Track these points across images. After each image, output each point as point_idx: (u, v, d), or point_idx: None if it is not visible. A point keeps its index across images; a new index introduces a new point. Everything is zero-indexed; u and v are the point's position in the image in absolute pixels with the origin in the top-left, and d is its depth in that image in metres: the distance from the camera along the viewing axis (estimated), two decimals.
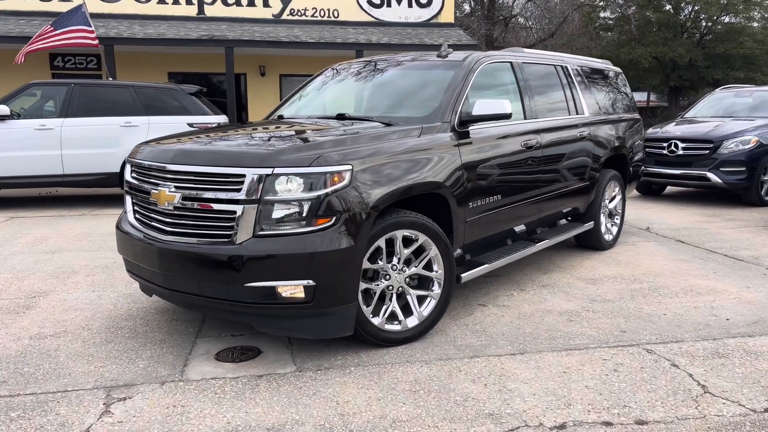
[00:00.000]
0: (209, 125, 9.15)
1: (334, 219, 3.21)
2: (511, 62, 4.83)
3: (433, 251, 3.69)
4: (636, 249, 6.14)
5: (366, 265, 3.41)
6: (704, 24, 33.61)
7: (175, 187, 3.39)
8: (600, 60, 6.56)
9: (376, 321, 3.52)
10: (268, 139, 3.67)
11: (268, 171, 3.17)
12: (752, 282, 4.94)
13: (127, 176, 3.88)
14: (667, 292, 4.67)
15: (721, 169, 8.54)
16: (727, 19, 41.79)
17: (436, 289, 3.74)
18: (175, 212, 3.40)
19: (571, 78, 5.59)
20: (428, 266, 3.71)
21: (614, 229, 6.23)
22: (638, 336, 3.77)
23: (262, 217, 3.18)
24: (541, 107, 5.02)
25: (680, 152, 8.79)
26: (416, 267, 3.66)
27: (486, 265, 4.26)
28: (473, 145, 4.12)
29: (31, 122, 8.70)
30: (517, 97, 4.75)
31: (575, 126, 5.39)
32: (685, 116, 10.39)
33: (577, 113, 5.52)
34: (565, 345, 3.63)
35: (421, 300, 3.72)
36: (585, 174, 5.54)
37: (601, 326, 3.94)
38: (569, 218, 5.73)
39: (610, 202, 6.13)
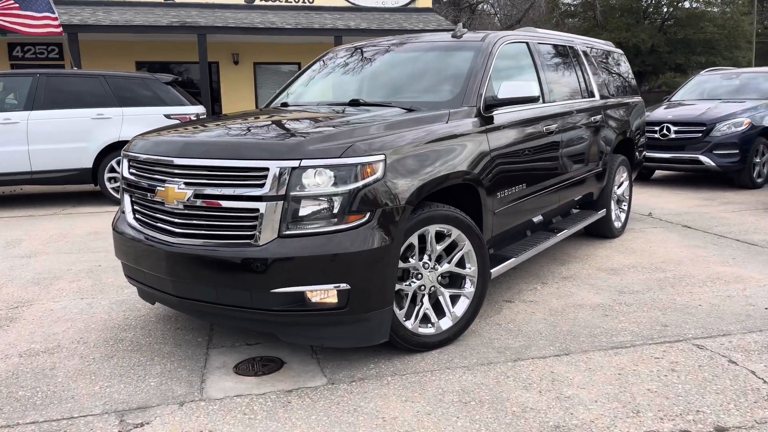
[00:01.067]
0: (188, 117, 8.69)
1: (367, 215, 2.90)
2: (527, 43, 4.56)
3: (467, 246, 3.40)
4: (645, 236, 5.97)
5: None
6: (666, 10, 34.07)
7: (185, 183, 3.03)
8: (602, 41, 6.35)
9: (409, 325, 3.23)
10: (288, 129, 3.32)
11: (295, 163, 2.84)
12: None
13: (125, 172, 3.49)
14: (694, 281, 4.49)
15: (714, 152, 8.46)
16: (687, 5, 42.43)
17: (469, 288, 3.46)
18: (186, 211, 3.04)
19: (581, 59, 5.35)
20: (460, 263, 3.43)
21: (623, 216, 6.05)
22: (682, 330, 3.57)
23: (288, 215, 2.85)
24: (557, 90, 4.77)
25: (673, 136, 8.69)
26: (449, 264, 3.37)
27: (513, 259, 4.00)
28: (499, 131, 3.85)
29: None
30: (534, 80, 4.48)
31: (590, 110, 5.16)
32: (672, 100, 10.31)
33: (590, 96, 5.29)
34: (610, 343, 3.40)
35: (453, 300, 3.44)
36: (599, 160, 5.32)
37: (640, 320, 3.73)
38: (578, 207, 5.52)
39: (618, 188, 5.94)
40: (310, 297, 2.90)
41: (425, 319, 3.33)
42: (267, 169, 2.85)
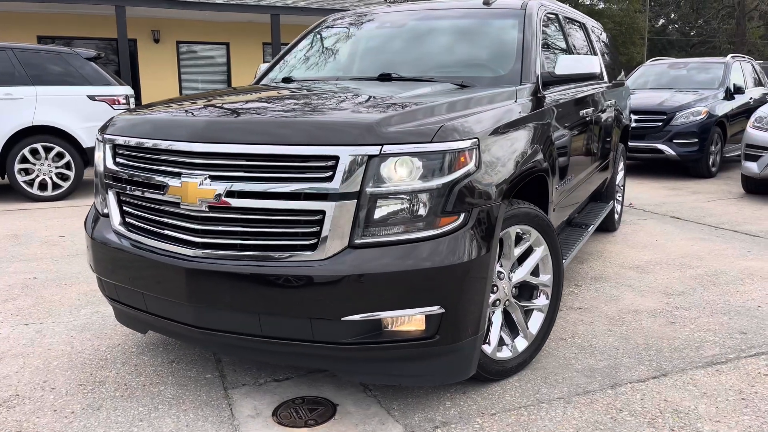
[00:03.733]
0: (116, 99, 7.56)
1: (462, 217, 2.25)
2: (557, 14, 4.04)
3: (542, 251, 2.84)
4: (642, 228, 5.68)
5: None
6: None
7: (212, 177, 2.25)
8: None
9: (488, 350, 2.63)
10: (342, 106, 2.58)
11: (374, 150, 2.14)
12: None
13: (107, 163, 2.63)
14: (730, 278, 4.18)
15: (674, 141, 8.41)
16: (588, 2, 44.15)
17: (542, 300, 2.90)
18: (212, 214, 2.27)
19: (591, 37, 4.92)
20: (534, 271, 2.86)
21: (619, 208, 5.73)
22: (765, 338, 3.19)
23: (362, 218, 2.16)
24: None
25: (633, 124, 8.56)
26: (524, 272, 2.79)
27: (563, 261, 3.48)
28: (555, 113, 3.30)
29: None
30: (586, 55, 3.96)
31: (606, 93, 4.74)
32: None
33: (600, 78, 4.87)
34: (701, 358, 2.96)
35: (526, 314, 2.87)
36: (610, 148, 4.93)
37: (712, 328, 3.32)
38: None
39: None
40: (389, 325, 2.22)
41: (500, 341, 2.74)
42: (336, 157, 2.14)
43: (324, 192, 2.14)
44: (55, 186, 7.41)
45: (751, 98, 9.70)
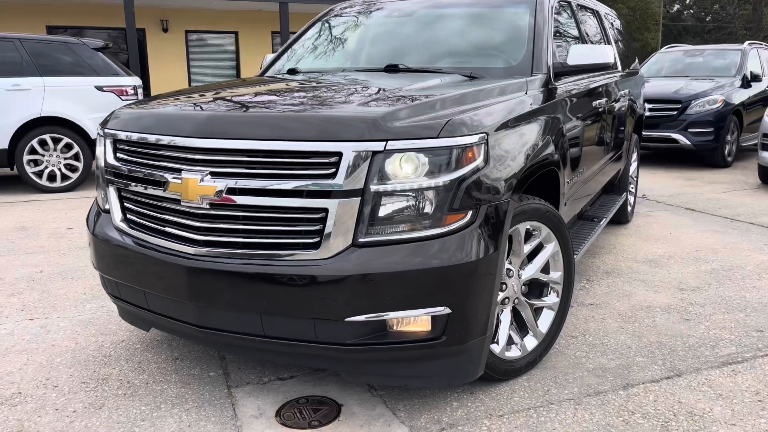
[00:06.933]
0: (124, 89, 7.53)
1: (469, 215, 2.18)
2: (569, 1, 3.93)
3: (553, 248, 2.76)
4: (656, 220, 5.57)
5: None
6: None
7: (212, 173, 2.19)
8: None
9: (496, 349, 2.57)
10: (347, 100, 2.51)
11: (378, 145, 2.07)
12: None
13: (108, 157, 2.58)
14: (746, 273, 4.08)
15: (689, 130, 8.26)
16: None
17: (553, 298, 2.83)
18: (213, 212, 2.21)
19: (604, 24, 4.80)
20: (544, 268, 2.79)
21: (632, 200, 5.62)
22: None
23: (367, 215, 2.09)
24: None
25: (647, 113, 8.41)
26: (534, 269, 2.72)
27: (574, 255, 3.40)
28: (567, 105, 3.22)
29: None
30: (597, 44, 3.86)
31: (619, 83, 4.63)
32: None
33: (614, 67, 4.75)
34: (717, 357, 2.88)
35: (535, 313, 2.80)
36: (624, 139, 4.82)
37: (728, 325, 3.24)
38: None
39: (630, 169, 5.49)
40: (394, 326, 2.17)
41: (508, 340, 2.67)
42: (339, 153, 2.07)
43: (327, 189, 2.08)
44: (64, 177, 7.40)
45: None
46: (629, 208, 5.44)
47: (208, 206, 2.21)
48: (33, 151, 7.23)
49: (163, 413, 2.45)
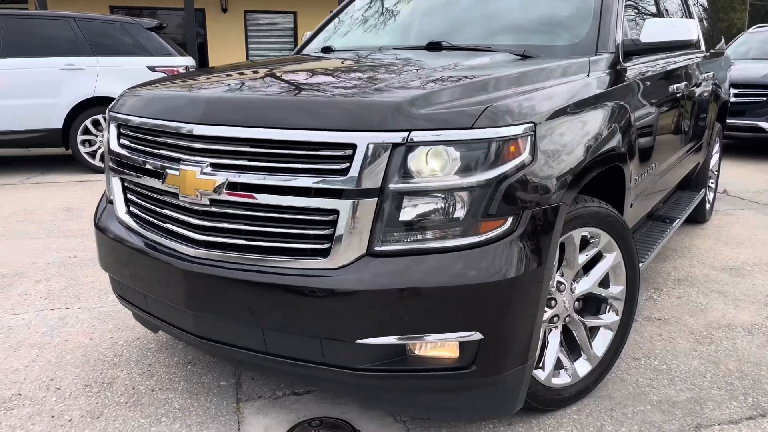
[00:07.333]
0: (176, 70, 7.41)
1: (509, 221, 1.81)
2: None
3: (614, 258, 2.35)
4: (738, 220, 4.98)
5: None
6: None
7: (213, 165, 1.90)
8: None
9: (541, 375, 2.19)
10: (371, 83, 2.17)
11: (398, 137, 1.73)
12: None
13: (112, 143, 2.34)
14: None
15: None
16: None
17: (611, 317, 2.42)
18: (214, 209, 1.93)
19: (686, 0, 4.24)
20: (603, 281, 2.38)
21: (711, 196, 5.04)
22: None
23: (385, 220, 1.76)
24: None
25: (732, 99, 7.64)
26: (590, 282, 2.31)
27: (640, 264, 2.95)
28: (638, 89, 2.76)
29: None
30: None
31: (702, 65, 4.08)
32: None
33: (696, 47, 4.20)
34: None
35: (590, 333, 2.40)
36: (705, 128, 4.27)
37: None
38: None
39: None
40: (415, 350, 1.83)
41: (557, 363, 2.29)
42: (353, 146, 1.74)
43: (338, 187, 1.75)
44: None
45: None
46: (707, 206, 4.88)
47: (208, 202, 1.93)
48: (87, 131, 7.23)
49: (162, 428, 2.21)
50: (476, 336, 1.79)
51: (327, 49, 3.21)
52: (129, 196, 2.31)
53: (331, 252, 1.79)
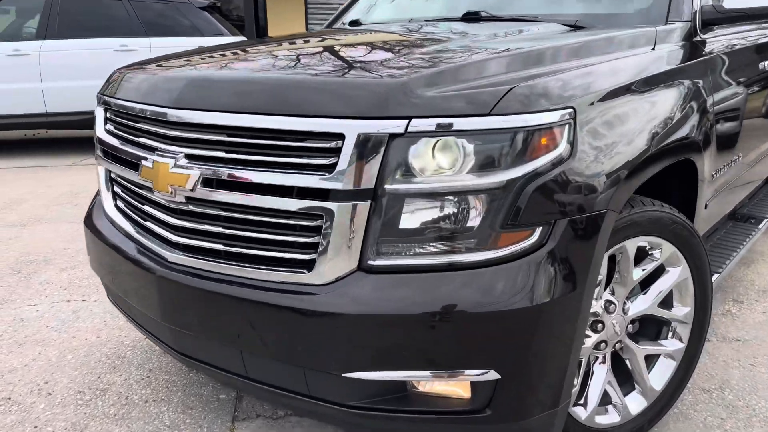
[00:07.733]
0: None
1: (538, 232, 1.44)
2: None
3: (679, 273, 1.92)
4: None
5: None
6: None
7: (188, 157, 1.62)
8: None
9: (582, 414, 1.81)
10: (375, 61, 1.82)
11: (398, 125, 1.38)
12: None
13: (98, 129, 2.10)
14: None
15: None
16: None
17: (675, 343, 1.99)
18: (190, 208, 1.64)
19: None
20: (665, 300, 1.96)
21: None
22: None
23: (381, 228, 1.42)
24: None
25: None
26: (648, 302, 1.90)
27: (715, 276, 2.48)
28: (720, 65, 2.29)
29: (2, 46, 6.83)
30: None
31: None
32: None
33: None
34: None
35: (647, 362, 1.99)
36: None
37: None
38: None
39: None
40: (418, 387, 1.50)
41: (604, 399, 1.90)
42: (341, 136, 1.41)
43: (323, 187, 1.43)
44: None
45: None
46: None
47: (184, 200, 1.65)
48: None
49: None
50: (491, 375, 1.43)
51: (355, 22, 2.87)
52: (115, 188, 2.07)
53: (316, 265, 1.47)
